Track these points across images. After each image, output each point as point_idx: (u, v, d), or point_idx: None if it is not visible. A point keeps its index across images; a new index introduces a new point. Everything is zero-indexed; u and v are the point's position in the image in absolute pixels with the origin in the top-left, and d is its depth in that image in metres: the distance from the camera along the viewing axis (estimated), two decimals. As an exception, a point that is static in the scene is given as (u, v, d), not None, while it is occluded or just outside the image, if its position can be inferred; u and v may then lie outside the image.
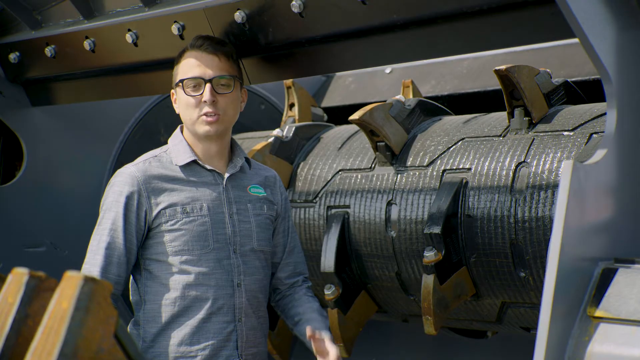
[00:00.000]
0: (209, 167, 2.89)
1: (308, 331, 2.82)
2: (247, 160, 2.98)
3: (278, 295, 3.05)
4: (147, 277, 2.86)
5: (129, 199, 2.82)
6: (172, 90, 2.94)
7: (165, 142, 3.00)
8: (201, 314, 2.84)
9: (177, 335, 2.84)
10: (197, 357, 2.84)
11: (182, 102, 2.88)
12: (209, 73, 2.85)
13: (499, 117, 3.30)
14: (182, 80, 2.86)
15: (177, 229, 2.83)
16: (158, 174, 2.86)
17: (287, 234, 3.04)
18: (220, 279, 2.85)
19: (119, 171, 2.91)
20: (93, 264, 2.83)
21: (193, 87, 2.85)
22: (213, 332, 2.84)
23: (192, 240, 2.83)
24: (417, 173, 3.30)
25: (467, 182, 3.14)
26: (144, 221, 2.83)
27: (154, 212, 2.83)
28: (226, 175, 2.91)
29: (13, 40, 3.92)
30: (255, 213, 2.94)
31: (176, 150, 2.90)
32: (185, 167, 2.89)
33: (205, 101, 2.83)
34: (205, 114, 2.84)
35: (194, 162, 2.89)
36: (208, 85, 2.83)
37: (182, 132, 2.94)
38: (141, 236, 2.84)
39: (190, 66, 2.87)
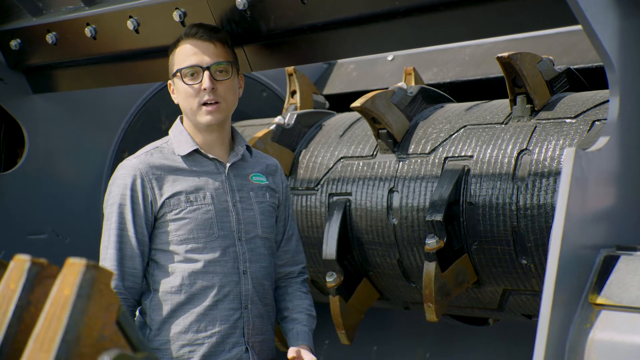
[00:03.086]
0: (211, 156, 2.89)
1: (290, 352, 2.84)
2: (248, 148, 2.98)
3: (273, 284, 3.05)
4: (154, 266, 2.87)
5: (133, 191, 2.82)
6: (170, 81, 2.93)
7: (167, 130, 3.00)
8: (208, 301, 2.84)
9: (184, 322, 2.84)
10: (203, 345, 2.84)
11: (181, 91, 2.87)
12: (206, 60, 2.84)
13: (501, 105, 3.29)
14: (179, 70, 2.85)
15: (182, 217, 2.83)
16: (160, 164, 2.86)
17: (286, 222, 3.04)
18: (226, 266, 2.85)
19: (121, 164, 2.90)
20: (107, 259, 2.82)
21: (191, 76, 2.85)
22: (220, 320, 2.85)
23: (197, 229, 2.84)
24: (419, 160, 3.30)
25: (469, 170, 3.14)
26: (151, 212, 2.83)
27: (159, 203, 2.83)
28: (228, 164, 2.91)
29: (14, 27, 3.91)
30: (257, 201, 2.94)
31: (177, 141, 2.90)
32: (187, 157, 2.89)
33: (204, 89, 2.82)
34: (206, 103, 2.83)
35: (196, 151, 2.89)
36: (207, 73, 2.83)
37: (182, 122, 2.94)
38: (150, 227, 2.84)
39: (186, 55, 2.86)
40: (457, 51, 4.07)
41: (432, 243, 3.08)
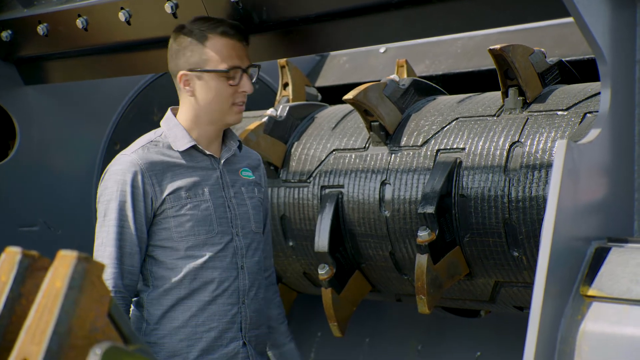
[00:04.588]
0: (208, 152, 2.88)
1: None
2: (239, 143, 2.98)
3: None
4: (152, 263, 2.85)
5: (134, 187, 2.78)
6: (185, 72, 2.83)
7: (159, 122, 2.98)
8: (207, 297, 2.84)
9: (182, 317, 2.84)
10: (202, 339, 2.84)
11: (212, 90, 2.82)
12: (245, 63, 2.85)
13: (493, 97, 3.30)
14: (223, 70, 2.80)
15: (183, 214, 2.82)
16: (158, 160, 2.83)
17: (267, 216, 3.07)
18: (225, 261, 2.85)
19: (118, 160, 2.85)
20: (105, 257, 2.78)
21: (230, 77, 2.83)
22: (218, 315, 2.85)
23: (197, 225, 2.82)
24: (411, 153, 3.30)
25: (461, 162, 3.14)
26: (151, 209, 2.81)
27: (159, 199, 2.81)
28: (222, 159, 2.91)
29: (5, 18, 3.90)
30: (249, 196, 2.95)
31: (173, 135, 2.87)
32: (183, 152, 2.86)
33: (244, 91, 2.82)
34: (238, 103, 2.83)
35: (192, 147, 2.87)
36: (245, 75, 2.83)
37: (174, 115, 2.92)
38: (149, 224, 2.81)
39: (227, 54, 2.81)
40: (450, 43, 4.06)
41: (424, 235, 3.09)
